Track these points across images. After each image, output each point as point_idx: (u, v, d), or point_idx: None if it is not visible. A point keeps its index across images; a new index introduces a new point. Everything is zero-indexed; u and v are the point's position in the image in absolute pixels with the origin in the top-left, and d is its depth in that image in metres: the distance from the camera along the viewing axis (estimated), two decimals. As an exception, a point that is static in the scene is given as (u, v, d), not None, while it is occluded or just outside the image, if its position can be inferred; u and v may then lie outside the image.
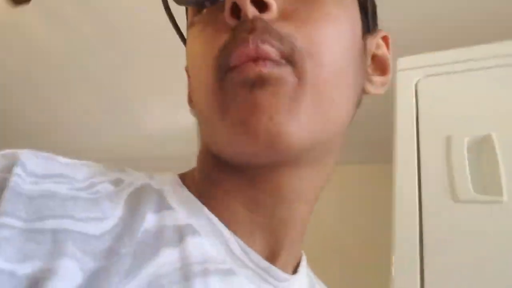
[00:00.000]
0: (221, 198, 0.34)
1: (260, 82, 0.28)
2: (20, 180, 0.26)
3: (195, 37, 0.34)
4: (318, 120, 0.30)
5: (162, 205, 0.32)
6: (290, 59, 0.29)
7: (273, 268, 0.33)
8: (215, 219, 0.33)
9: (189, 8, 0.37)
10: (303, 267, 0.39)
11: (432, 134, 0.74)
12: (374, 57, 0.37)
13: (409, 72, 0.86)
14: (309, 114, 0.29)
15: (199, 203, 0.33)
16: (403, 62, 0.89)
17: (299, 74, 0.29)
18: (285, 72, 0.28)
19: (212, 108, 0.31)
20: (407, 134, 0.76)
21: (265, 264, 0.33)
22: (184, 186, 0.35)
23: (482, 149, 0.69)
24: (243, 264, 0.32)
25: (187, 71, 0.39)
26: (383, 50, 0.38)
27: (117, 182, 0.32)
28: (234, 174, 0.34)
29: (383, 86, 0.38)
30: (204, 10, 0.34)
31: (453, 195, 0.66)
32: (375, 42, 0.38)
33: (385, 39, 0.39)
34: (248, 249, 0.32)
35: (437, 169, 0.70)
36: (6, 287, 0.22)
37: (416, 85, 0.83)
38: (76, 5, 1.49)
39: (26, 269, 0.23)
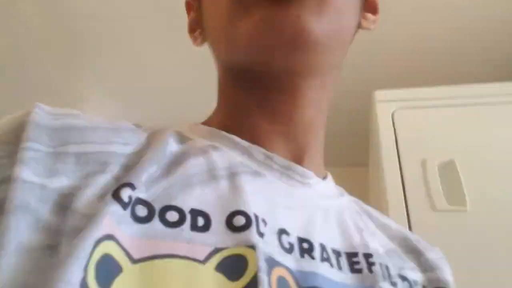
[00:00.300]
0: (240, 117, 0.37)
1: None
2: (40, 117, 0.28)
3: None
4: (334, 24, 0.33)
5: (183, 139, 0.34)
6: None
7: (297, 166, 0.35)
8: (236, 138, 0.35)
9: None
10: (331, 181, 0.40)
11: (411, 158, 0.94)
12: (367, 0, 0.41)
13: (387, 104, 1.06)
14: (329, 18, 0.32)
15: (217, 130, 0.36)
16: (380, 95, 1.09)
17: None
18: None
19: (234, 12, 0.33)
20: (390, 159, 0.96)
21: (290, 164, 0.35)
22: (201, 125, 0.38)
23: (449, 169, 0.90)
24: (268, 167, 0.34)
25: (187, 4, 0.44)
26: None
27: (136, 125, 0.34)
28: (252, 88, 0.36)
29: (374, 23, 0.41)
30: None
31: (432, 206, 0.86)
32: None
33: None
34: (271, 154, 0.35)
35: (418, 185, 0.90)
36: (38, 198, 0.23)
37: (392, 115, 1.03)
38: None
39: (56, 183, 0.25)
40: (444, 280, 0.36)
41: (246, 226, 0.27)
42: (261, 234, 0.28)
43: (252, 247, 0.26)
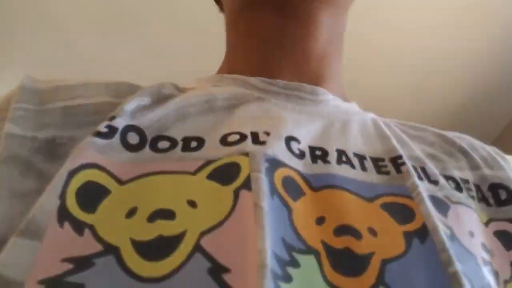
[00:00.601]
0: (251, 53, 0.35)
1: None
2: (28, 82, 0.28)
3: None
4: None
5: (182, 89, 0.32)
6: None
7: (304, 85, 0.33)
8: (238, 75, 0.33)
9: None
10: (356, 105, 0.37)
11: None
12: None
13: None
14: None
15: (219, 75, 0.35)
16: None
17: None
18: None
19: None
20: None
21: (295, 84, 0.32)
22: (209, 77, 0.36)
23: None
24: (272, 92, 0.32)
25: None
26: None
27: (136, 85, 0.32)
28: (267, 16, 0.34)
29: None
30: None
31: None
32: None
33: None
34: (274, 80, 0.32)
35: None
36: (29, 149, 0.24)
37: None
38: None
39: (46, 133, 0.25)
40: (501, 176, 0.32)
41: (241, 140, 0.26)
42: (261, 143, 0.26)
43: (247, 154, 0.24)
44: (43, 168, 0.24)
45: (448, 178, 0.30)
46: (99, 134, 0.24)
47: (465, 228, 0.27)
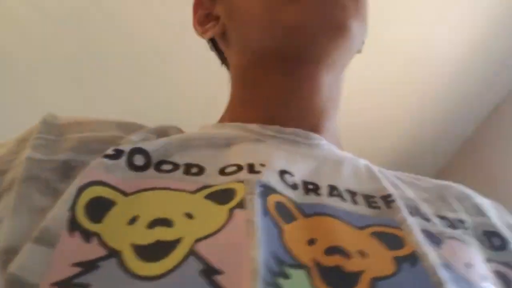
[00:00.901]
0: (256, 104, 0.39)
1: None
2: (48, 118, 0.32)
3: None
4: (360, 28, 0.37)
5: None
6: None
7: (299, 130, 0.36)
8: (238, 123, 0.37)
9: None
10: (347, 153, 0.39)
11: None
12: None
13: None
14: (359, 22, 0.36)
15: (221, 123, 0.39)
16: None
17: (359, 5, 0.36)
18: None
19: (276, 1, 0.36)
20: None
21: (290, 130, 0.35)
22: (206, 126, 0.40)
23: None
24: (268, 136, 0.35)
25: (198, 3, 0.46)
26: None
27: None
28: (275, 73, 0.38)
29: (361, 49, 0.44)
30: None
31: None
32: None
33: None
34: (270, 126, 0.35)
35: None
36: (47, 170, 0.27)
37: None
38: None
39: (62, 157, 0.28)
40: (494, 224, 0.33)
41: (238, 170, 0.28)
42: (256, 172, 0.28)
43: (242, 181, 0.26)
44: (58, 187, 0.26)
45: (442, 217, 0.31)
46: (106, 156, 0.27)
47: (461, 260, 0.27)
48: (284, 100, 0.38)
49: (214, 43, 0.46)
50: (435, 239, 0.28)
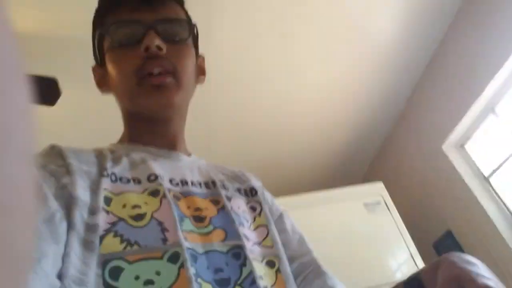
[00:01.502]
0: (140, 135, 0.71)
1: (163, 84, 0.65)
2: (61, 147, 0.61)
3: (118, 56, 0.69)
4: (183, 96, 0.69)
5: (113, 151, 0.68)
6: (173, 73, 0.67)
7: (171, 152, 0.72)
8: (140, 146, 0.70)
9: (107, 40, 0.71)
10: (194, 155, 0.77)
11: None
12: (199, 67, 0.78)
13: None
14: (181, 95, 0.68)
15: (128, 145, 0.72)
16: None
17: (178, 80, 0.67)
18: (172, 80, 0.66)
19: (137, 91, 0.66)
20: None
21: (167, 152, 0.72)
22: (118, 143, 0.73)
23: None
24: (158, 155, 0.70)
25: (94, 70, 0.76)
26: (202, 63, 0.80)
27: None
28: (144, 121, 0.70)
29: (204, 79, 0.80)
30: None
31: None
32: (199, 60, 0.79)
33: (202, 58, 0.81)
34: (156, 149, 0.71)
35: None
36: (59, 168, 0.56)
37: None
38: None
39: (67, 161, 0.56)
40: (253, 185, 0.76)
41: (156, 178, 0.66)
42: (163, 180, 0.67)
43: (161, 185, 0.64)
44: (65, 181, 0.54)
45: (235, 187, 0.76)
46: (105, 176, 0.60)
47: (237, 204, 0.70)
48: (152, 131, 0.72)
49: None
50: (229, 197, 0.71)
